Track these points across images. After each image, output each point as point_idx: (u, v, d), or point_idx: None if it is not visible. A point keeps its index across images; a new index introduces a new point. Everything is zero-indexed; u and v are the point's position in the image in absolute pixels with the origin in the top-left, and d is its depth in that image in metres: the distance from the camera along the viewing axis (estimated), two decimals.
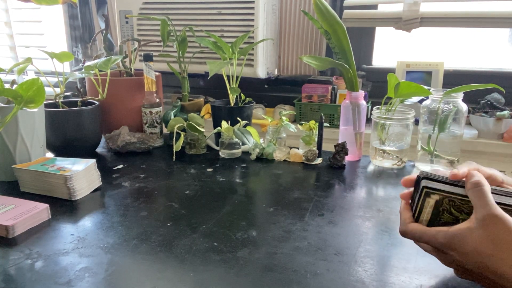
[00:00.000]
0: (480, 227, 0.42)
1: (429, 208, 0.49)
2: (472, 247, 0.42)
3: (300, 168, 0.96)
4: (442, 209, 0.48)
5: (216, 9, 1.58)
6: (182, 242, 0.62)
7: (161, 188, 0.84)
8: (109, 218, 0.70)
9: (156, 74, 1.12)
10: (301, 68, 1.77)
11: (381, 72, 1.61)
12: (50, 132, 0.97)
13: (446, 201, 0.48)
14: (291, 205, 0.75)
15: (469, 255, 0.43)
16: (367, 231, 0.66)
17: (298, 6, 1.68)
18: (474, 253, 0.42)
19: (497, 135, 1.39)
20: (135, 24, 1.72)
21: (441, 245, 0.45)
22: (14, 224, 0.63)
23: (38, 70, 1.01)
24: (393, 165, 0.96)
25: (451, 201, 0.47)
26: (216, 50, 1.10)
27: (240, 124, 1.03)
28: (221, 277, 0.53)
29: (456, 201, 0.47)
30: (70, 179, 0.76)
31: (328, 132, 1.41)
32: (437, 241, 0.45)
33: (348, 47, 0.96)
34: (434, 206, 0.48)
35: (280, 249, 0.60)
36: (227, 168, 0.95)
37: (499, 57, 1.64)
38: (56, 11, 2.12)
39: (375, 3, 1.61)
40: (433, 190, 0.48)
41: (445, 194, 0.47)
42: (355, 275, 0.54)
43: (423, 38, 1.69)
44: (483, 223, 0.42)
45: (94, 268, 0.55)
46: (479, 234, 0.42)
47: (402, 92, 0.89)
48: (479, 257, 0.42)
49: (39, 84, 0.74)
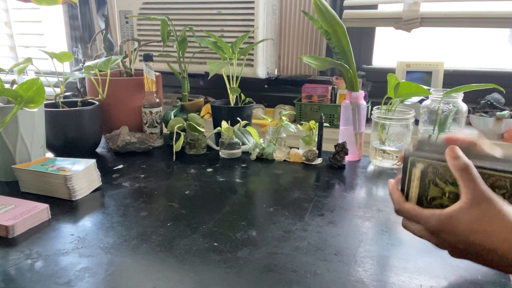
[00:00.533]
0: (472, 208, 0.44)
1: (416, 180, 0.51)
2: (464, 227, 0.44)
3: (300, 168, 0.96)
4: (428, 181, 0.50)
5: (216, 9, 1.58)
6: (182, 242, 0.62)
7: (161, 188, 0.84)
8: (109, 218, 0.70)
9: (156, 74, 1.12)
10: (301, 68, 1.77)
11: (381, 72, 1.61)
12: (50, 132, 0.97)
13: (430, 170, 0.50)
14: (291, 205, 0.75)
15: (462, 235, 0.45)
16: (367, 231, 0.66)
17: (298, 6, 1.68)
18: (467, 232, 0.44)
19: (497, 135, 1.39)
20: (135, 24, 1.72)
21: (434, 227, 0.47)
22: (14, 224, 0.64)
23: (38, 70, 1.01)
24: (393, 165, 0.96)
25: (435, 169, 0.50)
26: (216, 50, 1.10)
27: (240, 124, 1.03)
28: (221, 277, 0.53)
29: (439, 169, 0.50)
30: (70, 179, 0.76)
31: (328, 132, 1.41)
32: (430, 224, 0.47)
33: (348, 47, 0.96)
34: (421, 177, 0.51)
35: (280, 249, 0.60)
36: (227, 168, 0.95)
37: (499, 57, 1.64)
38: (56, 11, 2.12)
39: (375, 3, 1.61)
40: (418, 157, 0.51)
41: (429, 161, 0.50)
42: (355, 275, 0.54)
43: (423, 38, 1.68)
44: (473, 204, 0.44)
45: (94, 268, 0.55)
46: (471, 213, 0.44)
47: (402, 92, 0.89)
48: (471, 235, 0.44)
49: (39, 84, 0.74)
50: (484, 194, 0.44)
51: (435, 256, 0.58)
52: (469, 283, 0.52)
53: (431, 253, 0.59)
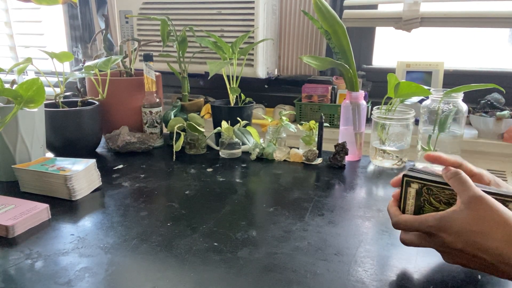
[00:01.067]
0: (466, 208, 0.45)
1: (412, 199, 0.54)
2: (461, 226, 0.45)
3: (300, 168, 0.96)
4: (423, 200, 0.53)
5: (216, 9, 1.58)
6: (182, 242, 0.62)
7: (161, 188, 0.84)
8: (109, 218, 0.70)
9: (156, 74, 1.12)
10: (301, 68, 1.77)
11: (381, 72, 1.61)
12: (50, 132, 0.97)
13: (425, 190, 0.52)
14: (291, 205, 0.75)
15: (458, 234, 0.45)
16: (367, 231, 0.66)
17: (298, 6, 1.68)
18: (464, 231, 0.45)
19: (497, 135, 1.39)
20: (135, 24, 1.72)
21: (432, 227, 0.47)
22: (14, 224, 0.64)
23: (38, 70, 1.01)
24: (393, 165, 0.96)
25: (429, 190, 0.52)
26: (216, 50, 1.10)
27: (240, 124, 1.03)
28: (221, 277, 0.53)
29: (433, 189, 0.51)
30: (70, 179, 0.76)
31: (328, 132, 1.41)
32: (427, 225, 0.48)
33: (348, 47, 0.96)
34: (416, 196, 0.53)
35: (280, 249, 0.60)
36: (227, 168, 0.95)
37: (499, 57, 1.64)
38: (56, 11, 2.12)
39: (375, 3, 1.61)
40: (412, 178, 0.53)
41: (423, 182, 0.52)
42: (355, 275, 0.54)
43: (423, 38, 1.69)
44: (469, 205, 0.45)
45: (94, 268, 0.55)
46: (467, 214, 0.45)
47: (402, 92, 0.89)
48: (468, 235, 0.45)
49: (39, 84, 0.74)
50: (477, 194, 0.45)
51: (435, 256, 0.58)
52: (469, 283, 0.52)
53: (431, 253, 0.59)
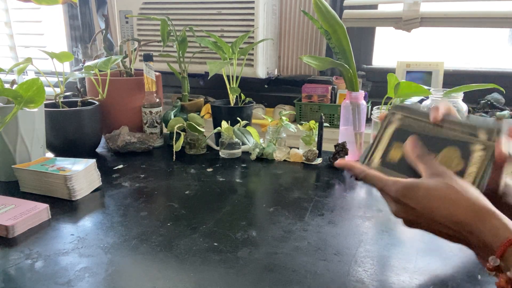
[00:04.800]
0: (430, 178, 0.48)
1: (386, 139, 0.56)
2: (424, 193, 0.47)
3: (300, 168, 0.96)
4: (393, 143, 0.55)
5: (216, 9, 1.58)
6: (182, 242, 0.62)
7: (161, 188, 0.84)
8: (109, 218, 0.70)
9: (156, 74, 1.12)
10: (301, 68, 1.77)
11: (381, 72, 1.61)
12: (50, 132, 0.97)
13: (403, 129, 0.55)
14: (291, 205, 0.75)
15: (421, 201, 0.47)
16: (367, 231, 0.66)
17: (298, 6, 1.68)
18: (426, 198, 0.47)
19: None
20: (135, 24, 1.72)
21: (396, 193, 0.49)
22: (14, 224, 0.64)
23: (38, 70, 1.01)
24: None
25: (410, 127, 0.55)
26: (216, 50, 1.10)
27: (240, 124, 1.03)
28: (221, 277, 0.53)
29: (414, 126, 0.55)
30: (70, 179, 0.76)
31: (328, 132, 1.41)
32: (392, 191, 0.50)
33: (348, 47, 0.95)
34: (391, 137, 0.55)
35: (280, 249, 0.60)
36: (227, 168, 0.95)
37: (499, 57, 1.64)
38: (56, 11, 2.12)
39: (375, 3, 1.61)
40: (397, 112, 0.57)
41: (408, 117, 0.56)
42: (355, 275, 0.54)
43: (423, 38, 1.68)
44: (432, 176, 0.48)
45: (94, 268, 0.55)
46: (430, 182, 0.48)
47: (402, 92, 0.89)
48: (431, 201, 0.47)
49: (39, 84, 0.74)
50: (439, 169, 0.49)
51: (435, 256, 0.58)
52: (469, 283, 0.52)
53: (431, 253, 0.59)
